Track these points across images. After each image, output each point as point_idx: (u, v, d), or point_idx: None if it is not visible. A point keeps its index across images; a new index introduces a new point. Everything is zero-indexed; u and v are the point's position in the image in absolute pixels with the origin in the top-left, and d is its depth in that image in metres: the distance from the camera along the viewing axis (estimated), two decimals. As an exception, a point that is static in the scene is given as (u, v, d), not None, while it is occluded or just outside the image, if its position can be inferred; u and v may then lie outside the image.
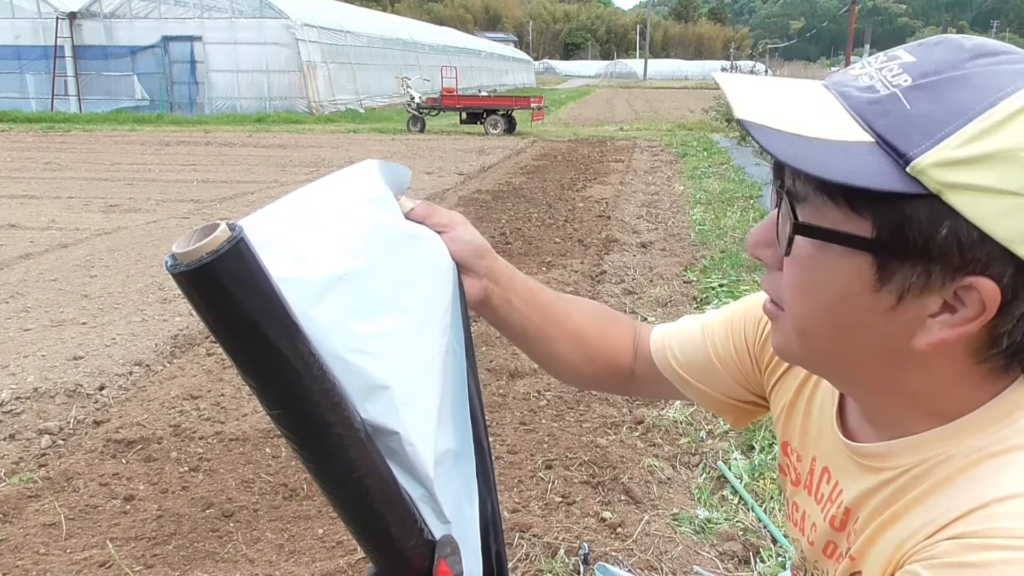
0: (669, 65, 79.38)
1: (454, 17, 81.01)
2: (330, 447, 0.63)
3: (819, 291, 0.62)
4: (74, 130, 16.60)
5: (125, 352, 3.95)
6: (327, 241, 0.67)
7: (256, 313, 0.58)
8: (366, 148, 13.76)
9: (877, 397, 0.68)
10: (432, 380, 0.74)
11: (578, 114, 24.24)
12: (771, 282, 0.69)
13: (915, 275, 0.57)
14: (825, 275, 0.61)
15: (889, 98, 0.57)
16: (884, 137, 0.56)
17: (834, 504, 0.76)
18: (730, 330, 0.95)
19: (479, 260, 0.85)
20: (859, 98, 0.58)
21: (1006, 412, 0.62)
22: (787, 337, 0.68)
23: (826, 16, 79.40)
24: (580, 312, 1.00)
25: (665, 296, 4.87)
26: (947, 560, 0.57)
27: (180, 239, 0.56)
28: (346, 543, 2.44)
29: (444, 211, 0.84)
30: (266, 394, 0.62)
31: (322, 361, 0.63)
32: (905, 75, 0.58)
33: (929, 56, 0.59)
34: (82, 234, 6.68)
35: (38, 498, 2.69)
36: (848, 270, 0.59)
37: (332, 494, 0.67)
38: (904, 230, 0.56)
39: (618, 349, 1.02)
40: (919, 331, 0.59)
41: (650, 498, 2.65)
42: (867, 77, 0.60)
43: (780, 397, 0.89)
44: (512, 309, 0.91)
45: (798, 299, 0.65)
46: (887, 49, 0.65)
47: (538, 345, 0.96)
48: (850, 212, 0.57)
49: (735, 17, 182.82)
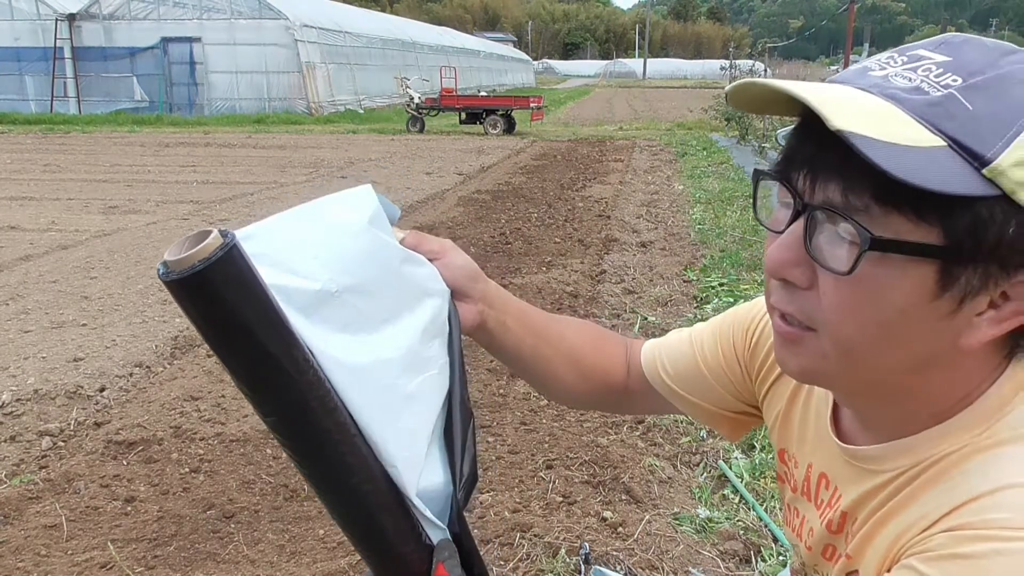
0: (668, 64, 79.33)
1: (453, 17, 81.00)
2: (325, 453, 0.63)
3: (875, 307, 0.59)
4: (73, 132, 16.60)
5: (125, 353, 3.95)
6: (322, 257, 0.66)
7: (248, 320, 0.57)
8: (366, 148, 13.76)
9: (889, 403, 0.68)
10: (420, 404, 0.73)
11: (577, 114, 24.24)
12: (796, 302, 0.64)
13: (976, 277, 0.57)
14: (884, 289, 0.58)
15: (947, 99, 0.56)
16: (957, 140, 0.54)
17: (833, 509, 0.76)
18: (719, 340, 0.95)
19: (473, 284, 0.84)
20: (914, 101, 0.56)
21: (995, 408, 0.63)
22: (820, 359, 0.64)
23: (825, 15, 79.42)
24: (572, 331, 1.00)
25: (665, 295, 4.87)
26: (942, 552, 0.58)
27: (172, 246, 0.55)
28: (347, 544, 2.44)
29: (434, 238, 0.83)
30: (260, 401, 0.61)
31: (316, 367, 0.62)
32: (952, 75, 0.57)
33: (963, 55, 0.58)
34: (82, 236, 6.68)
35: (39, 500, 2.69)
36: (910, 281, 0.57)
37: (328, 499, 0.67)
38: (977, 233, 0.55)
39: (611, 366, 1.02)
40: (966, 331, 0.59)
41: (651, 498, 2.65)
42: (903, 79, 0.58)
43: (774, 405, 0.89)
44: (507, 331, 0.90)
45: (847, 317, 0.60)
46: (892, 48, 0.65)
47: (534, 366, 0.95)
48: (917, 220, 0.55)
49: (734, 16, 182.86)
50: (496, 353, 0.93)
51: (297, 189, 9.34)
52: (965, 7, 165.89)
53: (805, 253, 0.61)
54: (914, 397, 0.65)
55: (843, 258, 0.58)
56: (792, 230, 0.62)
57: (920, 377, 0.63)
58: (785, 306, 0.65)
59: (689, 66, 77.39)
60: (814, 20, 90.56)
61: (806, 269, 0.62)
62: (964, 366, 0.63)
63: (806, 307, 0.63)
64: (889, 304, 0.59)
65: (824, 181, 0.59)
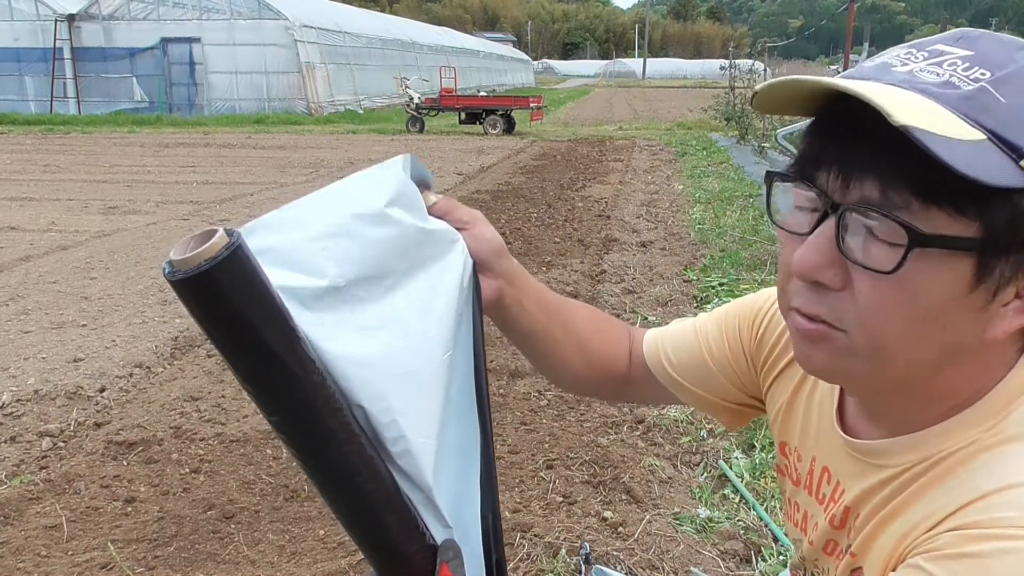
0: (668, 64, 79.28)
1: (452, 17, 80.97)
2: (330, 452, 0.63)
3: (914, 303, 0.59)
4: (73, 132, 16.60)
5: (125, 354, 3.95)
6: (330, 249, 0.66)
7: (254, 319, 0.57)
8: (365, 149, 13.76)
9: (906, 398, 0.67)
10: (435, 389, 0.72)
11: (577, 114, 24.23)
12: (826, 304, 0.62)
13: (1007, 268, 0.57)
14: (924, 286, 0.58)
15: (980, 93, 0.56)
16: (995, 132, 0.55)
17: (836, 503, 0.76)
18: (724, 331, 0.95)
19: (497, 260, 0.84)
20: (949, 95, 0.56)
21: (1004, 404, 0.63)
22: (848, 357, 0.63)
23: (825, 14, 79.39)
24: (581, 315, 1.00)
25: (665, 295, 4.87)
26: (948, 552, 0.58)
27: (177, 246, 0.55)
28: (347, 544, 2.44)
29: (465, 208, 0.82)
30: (264, 400, 0.61)
31: (321, 367, 0.62)
32: (979, 69, 0.57)
33: (983, 49, 0.59)
34: (82, 236, 6.68)
35: (39, 500, 2.69)
36: (948, 276, 0.57)
37: (332, 499, 0.67)
38: (1016, 224, 0.55)
39: (614, 353, 1.01)
40: (993, 322, 0.60)
41: (651, 497, 2.65)
42: (930, 74, 0.58)
43: (777, 397, 0.89)
44: (522, 310, 0.89)
45: (885, 316, 0.60)
46: (900, 44, 0.64)
47: (543, 347, 0.95)
48: (956, 215, 0.55)
49: (734, 16, 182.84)
50: (507, 331, 0.93)
51: (297, 189, 9.33)
52: (965, 6, 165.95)
53: (838, 254, 0.60)
54: (932, 391, 0.65)
55: (883, 257, 0.57)
56: (821, 231, 0.61)
57: (944, 371, 0.63)
58: (814, 309, 0.63)
59: (689, 66, 77.31)
60: (814, 20, 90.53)
61: (839, 270, 0.61)
62: (984, 359, 0.63)
63: (837, 309, 0.62)
64: (928, 300, 0.58)
65: (859, 179, 0.58)
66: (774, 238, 5.99)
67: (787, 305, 0.67)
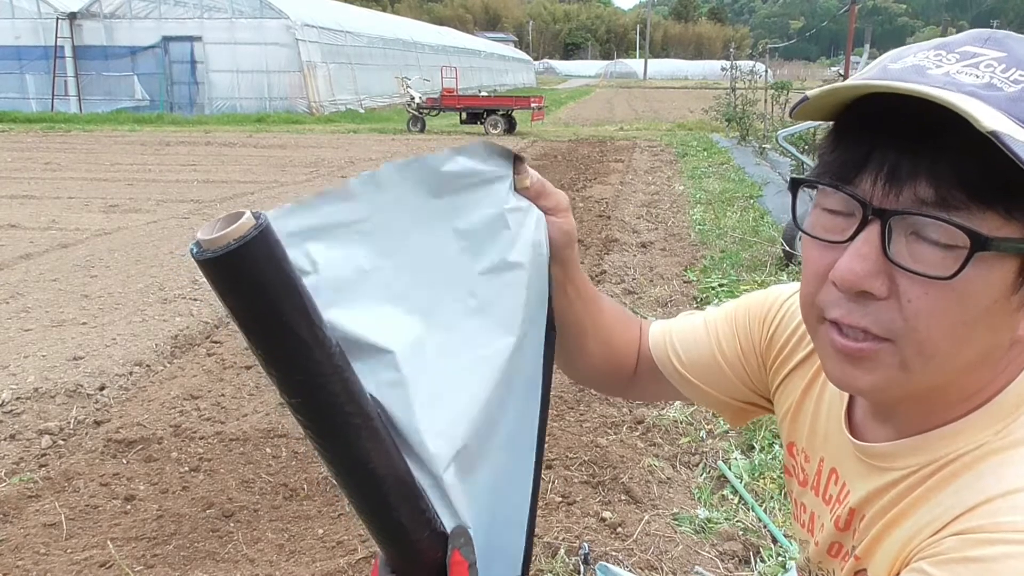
0: (669, 65, 79.27)
1: (454, 17, 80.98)
2: (346, 437, 0.63)
3: (963, 308, 0.58)
4: (74, 130, 16.60)
5: (125, 352, 3.95)
6: (366, 231, 0.66)
7: (279, 300, 0.58)
8: (366, 148, 13.76)
9: (929, 400, 0.66)
10: (478, 381, 0.72)
11: (578, 114, 24.23)
12: (872, 314, 0.60)
13: None
14: (976, 288, 0.57)
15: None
16: None
17: (841, 505, 0.75)
18: (735, 330, 0.93)
19: (566, 250, 0.81)
20: (995, 97, 0.56)
21: (1013, 406, 0.63)
22: (898, 371, 0.61)
23: (826, 16, 79.42)
24: (607, 307, 0.97)
25: (665, 296, 4.87)
26: (953, 556, 0.57)
27: (204, 227, 0.56)
28: (347, 543, 2.44)
29: (554, 192, 0.79)
30: (286, 382, 0.62)
31: (342, 352, 0.63)
32: (1017, 70, 0.57)
33: (1014, 50, 0.59)
34: (82, 234, 6.68)
35: (38, 498, 2.69)
36: (996, 278, 0.57)
37: (345, 484, 0.67)
38: None
39: (629, 349, 1.00)
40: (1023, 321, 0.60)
41: (650, 498, 2.65)
42: (969, 76, 0.58)
43: (786, 397, 0.88)
44: (563, 296, 0.85)
45: (936, 322, 0.58)
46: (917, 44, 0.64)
47: (569, 336, 0.91)
48: (1007, 217, 0.55)
49: (735, 17, 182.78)
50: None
51: (297, 188, 9.34)
52: (966, 8, 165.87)
53: (884, 261, 0.58)
54: (949, 394, 0.65)
55: (938, 261, 0.56)
56: (865, 238, 0.59)
57: (978, 371, 0.63)
58: (858, 320, 0.61)
59: (690, 67, 77.32)
60: (814, 21, 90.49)
61: (885, 278, 0.59)
62: (1008, 359, 0.63)
63: (883, 318, 0.60)
64: (977, 303, 0.58)
65: (911, 184, 0.57)
66: (774, 239, 5.99)
67: (819, 316, 0.64)
